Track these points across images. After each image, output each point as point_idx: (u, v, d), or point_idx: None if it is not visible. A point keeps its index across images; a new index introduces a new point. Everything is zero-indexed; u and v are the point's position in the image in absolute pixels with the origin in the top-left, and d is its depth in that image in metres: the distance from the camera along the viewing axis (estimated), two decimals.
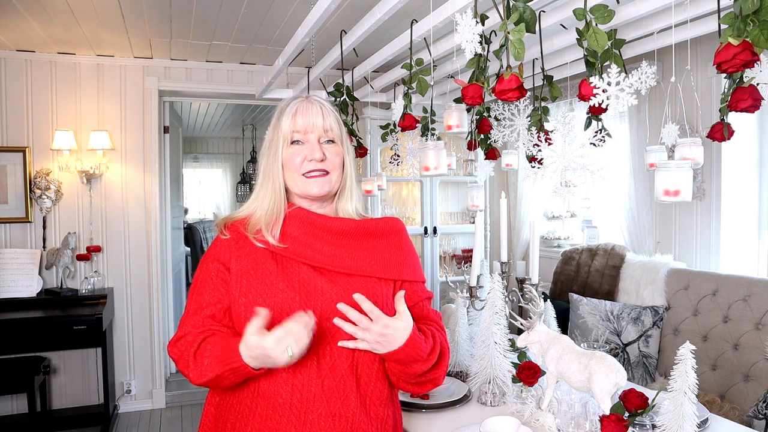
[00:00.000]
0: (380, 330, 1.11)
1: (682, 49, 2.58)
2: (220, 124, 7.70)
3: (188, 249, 7.10)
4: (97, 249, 3.79)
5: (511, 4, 1.32)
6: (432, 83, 2.22)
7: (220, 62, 4.10)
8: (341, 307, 1.12)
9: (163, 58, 3.94)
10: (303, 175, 1.20)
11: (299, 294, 1.14)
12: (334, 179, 1.23)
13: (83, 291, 3.69)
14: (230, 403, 1.18)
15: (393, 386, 1.26)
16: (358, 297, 1.12)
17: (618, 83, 1.31)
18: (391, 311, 1.18)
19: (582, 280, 3.39)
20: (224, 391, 1.20)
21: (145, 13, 3.04)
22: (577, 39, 1.46)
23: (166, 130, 4.30)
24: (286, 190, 1.24)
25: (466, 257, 4.65)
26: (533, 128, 2.23)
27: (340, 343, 1.13)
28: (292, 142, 1.22)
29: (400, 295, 1.18)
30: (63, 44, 3.56)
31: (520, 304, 1.79)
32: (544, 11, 2.08)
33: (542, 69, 2.22)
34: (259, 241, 1.18)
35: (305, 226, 1.20)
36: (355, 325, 1.11)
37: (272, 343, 1.02)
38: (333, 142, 1.24)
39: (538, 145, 2.10)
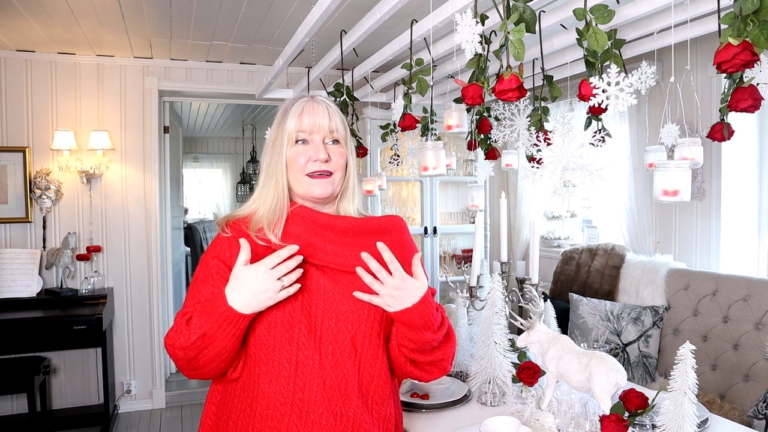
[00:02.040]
0: (397, 284, 1.11)
1: (682, 49, 2.58)
2: (220, 124, 7.70)
3: (188, 249, 7.09)
4: (97, 249, 3.79)
5: (511, 4, 1.32)
6: (432, 83, 2.22)
7: (220, 62, 4.10)
8: (364, 255, 1.13)
9: (163, 58, 3.94)
10: (307, 175, 1.20)
11: (301, 292, 1.14)
12: (337, 180, 1.23)
13: (83, 291, 3.69)
14: (231, 401, 1.17)
15: (397, 376, 1.25)
16: (381, 246, 1.13)
17: (618, 83, 1.31)
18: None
19: (582, 280, 3.39)
20: (225, 390, 1.19)
21: (145, 13, 3.04)
22: (577, 39, 1.46)
23: (166, 130, 4.30)
24: (289, 189, 1.24)
25: (466, 257, 4.65)
26: (533, 128, 2.23)
27: (356, 293, 1.14)
28: (297, 141, 1.22)
29: (418, 257, 1.19)
30: (63, 44, 3.56)
31: (520, 304, 1.79)
32: (544, 11, 2.08)
33: (542, 69, 2.22)
34: (261, 240, 1.18)
35: (308, 225, 1.19)
36: (375, 278, 1.12)
37: (267, 265, 1.07)
38: (337, 142, 1.24)
39: (537, 145, 2.10)
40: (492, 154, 2.49)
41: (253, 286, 1.07)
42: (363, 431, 1.13)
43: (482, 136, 2.43)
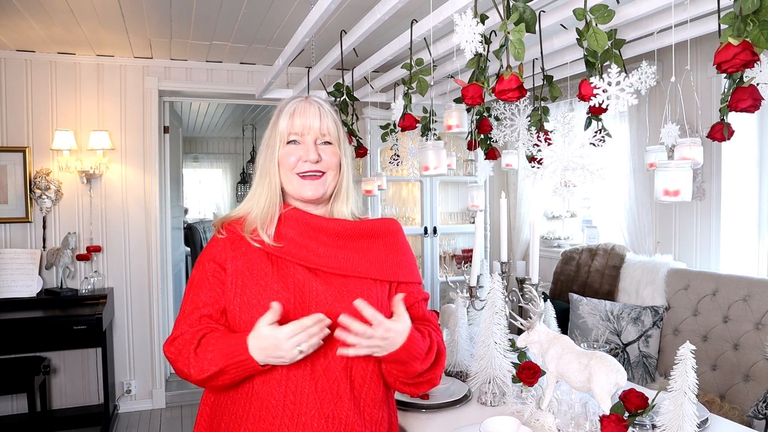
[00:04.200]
0: (382, 335, 1.08)
1: (682, 49, 2.58)
2: (220, 124, 7.70)
3: (188, 249, 7.09)
4: (97, 249, 3.79)
5: (511, 4, 1.32)
6: (432, 83, 2.22)
7: (220, 62, 4.10)
8: (344, 319, 1.08)
9: (163, 58, 3.94)
10: (298, 175, 1.21)
11: (294, 295, 1.14)
12: (329, 180, 1.23)
13: (83, 291, 3.68)
14: (225, 403, 1.18)
15: (389, 388, 1.25)
16: (359, 303, 1.09)
17: (618, 83, 1.31)
18: (386, 312, 1.17)
19: (582, 280, 3.39)
20: (219, 392, 1.19)
21: (145, 13, 3.04)
22: (577, 39, 1.46)
23: (166, 130, 4.30)
24: (283, 190, 1.24)
25: (466, 257, 4.65)
26: (533, 128, 2.23)
27: (339, 352, 1.09)
28: (289, 142, 1.22)
29: (399, 297, 1.16)
30: (63, 44, 3.56)
31: (520, 304, 1.79)
32: (544, 11, 2.08)
33: (542, 69, 2.22)
34: (255, 241, 1.18)
35: (301, 227, 1.20)
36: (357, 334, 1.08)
37: (286, 335, 1.03)
38: (330, 143, 1.24)
39: (537, 145, 2.10)
40: (492, 154, 2.49)
41: (270, 350, 1.06)
42: None
43: (482, 136, 2.43)
